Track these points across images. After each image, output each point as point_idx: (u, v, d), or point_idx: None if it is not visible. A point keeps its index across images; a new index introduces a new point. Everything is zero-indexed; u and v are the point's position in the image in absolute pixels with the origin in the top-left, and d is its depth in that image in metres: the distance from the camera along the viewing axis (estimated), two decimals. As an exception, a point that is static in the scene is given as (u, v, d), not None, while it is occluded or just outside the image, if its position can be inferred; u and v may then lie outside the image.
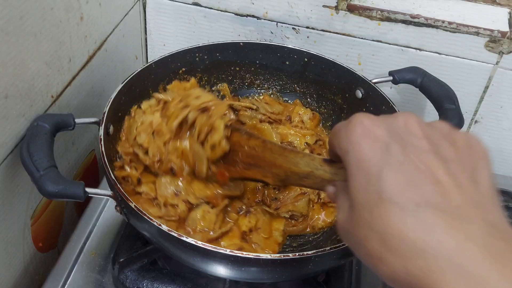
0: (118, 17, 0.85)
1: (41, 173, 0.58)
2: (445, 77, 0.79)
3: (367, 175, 0.35)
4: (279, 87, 0.88)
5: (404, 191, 0.33)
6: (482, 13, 0.84)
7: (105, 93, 0.83)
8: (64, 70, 0.71)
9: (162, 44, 0.98)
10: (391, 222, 0.33)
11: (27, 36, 0.61)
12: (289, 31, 0.89)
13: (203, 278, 0.67)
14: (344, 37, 0.87)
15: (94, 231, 0.75)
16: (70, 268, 0.70)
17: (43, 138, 0.61)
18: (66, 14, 0.68)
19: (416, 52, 0.85)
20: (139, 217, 0.57)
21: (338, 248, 0.55)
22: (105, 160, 0.61)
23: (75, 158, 0.80)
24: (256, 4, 0.88)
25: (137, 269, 0.68)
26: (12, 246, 0.68)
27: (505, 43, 0.81)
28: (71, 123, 0.65)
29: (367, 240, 0.35)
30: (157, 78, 0.78)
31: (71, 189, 0.58)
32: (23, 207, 0.69)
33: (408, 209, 0.33)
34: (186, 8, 0.91)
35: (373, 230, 0.34)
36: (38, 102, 0.66)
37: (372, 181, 0.35)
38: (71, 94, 0.74)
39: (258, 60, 0.85)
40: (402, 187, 0.34)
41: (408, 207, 0.33)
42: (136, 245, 0.70)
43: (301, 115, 0.84)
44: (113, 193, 0.60)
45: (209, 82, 0.85)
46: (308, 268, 0.58)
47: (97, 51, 0.80)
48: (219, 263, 0.56)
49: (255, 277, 0.61)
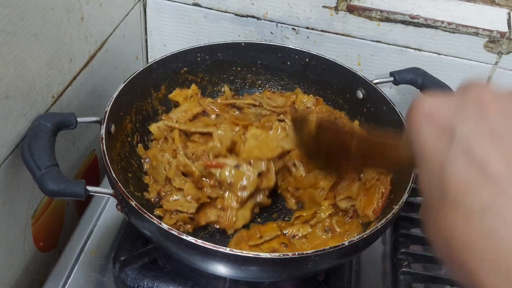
0: (118, 18, 0.85)
1: (43, 171, 0.58)
2: (444, 77, 0.79)
3: (430, 170, 0.30)
4: (280, 87, 0.88)
5: (466, 192, 0.28)
6: (481, 13, 0.84)
7: (105, 93, 0.84)
8: (65, 70, 0.71)
9: (162, 45, 0.98)
10: (456, 229, 0.28)
11: (28, 37, 0.61)
12: (289, 32, 0.90)
13: (203, 277, 0.67)
14: (344, 38, 0.88)
15: (95, 230, 0.75)
16: (71, 268, 0.70)
17: (44, 137, 0.61)
18: (66, 15, 0.68)
19: (416, 52, 0.86)
20: (139, 216, 0.57)
21: (338, 247, 0.56)
22: (106, 159, 0.62)
23: (76, 158, 0.81)
24: (256, 4, 0.88)
25: (138, 268, 0.68)
26: (13, 246, 0.68)
27: (504, 44, 0.81)
28: (73, 122, 0.65)
29: (437, 245, 0.30)
30: (159, 77, 0.79)
31: (72, 188, 0.58)
32: (24, 207, 0.69)
33: (474, 213, 0.27)
34: (187, 9, 0.92)
35: (440, 236, 0.30)
36: (39, 102, 0.66)
37: (435, 177, 0.30)
38: (72, 94, 0.74)
39: (259, 60, 0.85)
40: (464, 187, 0.28)
41: (474, 209, 0.28)
42: (136, 244, 0.70)
43: (305, 103, 0.84)
44: (114, 191, 0.60)
45: (210, 82, 0.85)
46: (307, 268, 0.58)
47: (98, 51, 0.80)
48: (219, 262, 0.56)
49: (255, 276, 0.61)
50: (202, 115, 0.81)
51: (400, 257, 0.74)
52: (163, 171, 0.72)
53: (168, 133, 0.76)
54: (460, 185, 0.28)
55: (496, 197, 0.27)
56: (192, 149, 0.73)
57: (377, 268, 0.75)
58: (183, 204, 0.68)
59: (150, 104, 0.79)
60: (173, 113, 0.80)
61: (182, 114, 0.79)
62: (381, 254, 0.77)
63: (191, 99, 0.82)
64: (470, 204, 0.28)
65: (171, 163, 0.71)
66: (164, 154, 0.74)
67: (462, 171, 0.28)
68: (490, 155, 0.28)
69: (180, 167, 0.70)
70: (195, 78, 0.84)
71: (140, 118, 0.77)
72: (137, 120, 0.77)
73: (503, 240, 0.26)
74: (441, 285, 0.72)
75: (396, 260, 0.75)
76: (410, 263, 0.74)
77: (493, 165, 0.28)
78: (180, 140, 0.74)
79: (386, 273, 0.74)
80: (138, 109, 0.77)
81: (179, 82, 0.82)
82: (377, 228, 0.58)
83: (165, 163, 0.73)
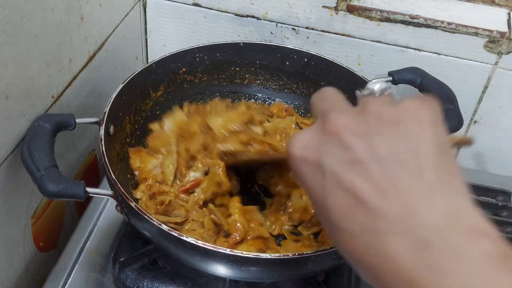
0: (118, 18, 0.85)
1: (42, 172, 0.58)
2: (444, 77, 0.79)
3: (314, 201, 0.35)
4: (279, 87, 0.88)
5: (345, 218, 0.33)
6: (481, 13, 0.84)
7: (105, 94, 0.83)
8: (64, 70, 0.71)
9: (162, 45, 0.98)
10: (346, 247, 0.33)
11: (27, 37, 0.61)
12: (289, 32, 0.90)
13: (203, 278, 0.67)
14: (344, 38, 0.88)
15: (95, 231, 0.75)
16: (71, 268, 0.70)
17: (44, 137, 0.61)
18: (66, 15, 0.68)
19: (415, 52, 0.86)
20: (139, 217, 0.57)
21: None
22: (105, 160, 0.62)
23: (75, 158, 0.81)
24: (256, 4, 0.88)
25: (138, 268, 0.68)
26: (13, 246, 0.68)
27: (504, 44, 0.81)
28: (72, 123, 0.65)
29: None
30: (158, 78, 0.79)
31: (72, 189, 0.58)
32: (23, 207, 0.69)
33: (356, 234, 0.32)
34: (186, 9, 0.92)
35: (340, 253, 0.35)
36: (39, 103, 0.66)
37: (320, 206, 0.34)
38: (72, 94, 0.74)
39: (258, 60, 0.85)
40: (343, 214, 0.33)
41: (355, 232, 0.32)
42: (136, 244, 0.70)
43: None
44: (113, 192, 0.60)
45: (209, 82, 0.85)
46: (307, 268, 0.58)
47: (98, 51, 0.80)
48: (219, 262, 0.56)
49: (255, 277, 0.61)
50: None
51: (399, 257, 0.74)
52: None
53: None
54: (339, 213, 0.33)
55: (369, 218, 0.31)
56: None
57: (377, 268, 0.75)
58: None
59: (149, 105, 0.79)
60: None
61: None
62: (381, 254, 0.77)
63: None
64: (351, 227, 0.32)
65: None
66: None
67: (338, 200, 0.33)
68: (356, 181, 0.32)
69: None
70: (193, 79, 0.84)
71: (140, 118, 0.77)
72: (136, 120, 0.77)
73: (381, 252, 0.31)
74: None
75: (395, 260, 0.75)
76: (409, 263, 0.74)
77: (360, 190, 0.32)
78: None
79: (386, 273, 0.74)
80: (137, 109, 0.77)
81: (178, 83, 0.82)
82: (377, 229, 0.58)
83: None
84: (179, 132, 0.74)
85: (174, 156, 0.71)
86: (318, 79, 0.84)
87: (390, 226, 0.31)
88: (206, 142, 0.71)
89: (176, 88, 0.82)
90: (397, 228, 0.31)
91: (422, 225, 0.30)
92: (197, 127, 0.73)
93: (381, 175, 0.32)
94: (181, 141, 0.73)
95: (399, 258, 0.30)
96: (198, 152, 0.71)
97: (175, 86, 0.82)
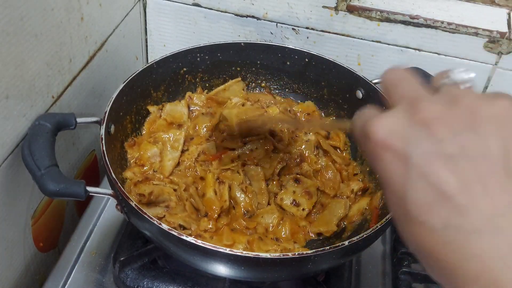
0: (118, 18, 0.85)
1: (42, 171, 0.58)
2: (444, 77, 0.79)
3: (392, 191, 0.33)
4: (280, 87, 0.88)
5: (427, 211, 0.31)
6: (481, 13, 0.84)
7: (105, 94, 0.84)
8: (64, 70, 0.71)
9: (162, 45, 0.98)
10: (423, 242, 0.32)
11: (27, 37, 0.61)
12: (289, 32, 0.90)
13: (203, 277, 0.67)
14: (344, 38, 0.88)
15: (95, 230, 0.75)
16: (71, 268, 0.70)
17: (44, 137, 0.61)
18: (66, 15, 0.68)
19: (415, 52, 0.86)
20: (139, 216, 0.57)
21: (337, 248, 0.56)
22: (106, 159, 0.62)
23: (75, 158, 0.81)
24: (256, 4, 0.88)
25: (138, 268, 0.68)
26: (13, 246, 0.68)
27: (504, 44, 0.81)
28: (73, 122, 0.65)
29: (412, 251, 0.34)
30: (158, 78, 0.79)
31: (72, 188, 0.58)
32: (24, 207, 0.69)
33: (437, 229, 0.31)
34: (186, 9, 0.92)
35: (411, 246, 0.33)
36: (39, 103, 0.66)
37: (398, 198, 0.33)
38: (72, 95, 0.74)
39: (259, 60, 0.85)
40: (424, 208, 0.31)
41: (436, 226, 0.31)
42: (136, 244, 0.70)
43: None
44: (114, 192, 0.60)
45: (209, 82, 0.85)
46: (307, 268, 0.58)
47: (98, 51, 0.80)
48: (219, 262, 0.56)
49: (255, 276, 0.61)
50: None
51: (400, 257, 0.74)
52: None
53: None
54: (420, 206, 0.31)
55: (453, 214, 0.30)
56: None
57: (377, 268, 0.75)
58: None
59: (149, 104, 0.79)
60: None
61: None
62: (381, 254, 0.77)
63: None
64: (432, 222, 0.31)
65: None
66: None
67: (420, 193, 0.31)
68: (443, 176, 0.31)
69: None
70: (194, 79, 0.84)
71: (140, 118, 0.77)
72: (137, 120, 0.77)
73: (464, 249, 0.30)
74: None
75: (396, 260, 0.75)
76: (410, 263, 0.74)
77: (447, 185, 0.31)
78: None
79: (386, 273, 0.74)
80: (138, 109, 0.77)
81: (179, 82, 0.82)
82: (377, 228, 0.58)
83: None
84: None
85: (178, 153, 0.74)
86: (318, 79, 0.84)
87: (476, 224, 0.30)
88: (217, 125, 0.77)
89: (177, 87, 0.82)
90: (484, 228, 0.30)
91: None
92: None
93: (471, 172, 0.31)
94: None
95: (485, 257, 0.30)
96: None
97: (176, 85, 0.82)
